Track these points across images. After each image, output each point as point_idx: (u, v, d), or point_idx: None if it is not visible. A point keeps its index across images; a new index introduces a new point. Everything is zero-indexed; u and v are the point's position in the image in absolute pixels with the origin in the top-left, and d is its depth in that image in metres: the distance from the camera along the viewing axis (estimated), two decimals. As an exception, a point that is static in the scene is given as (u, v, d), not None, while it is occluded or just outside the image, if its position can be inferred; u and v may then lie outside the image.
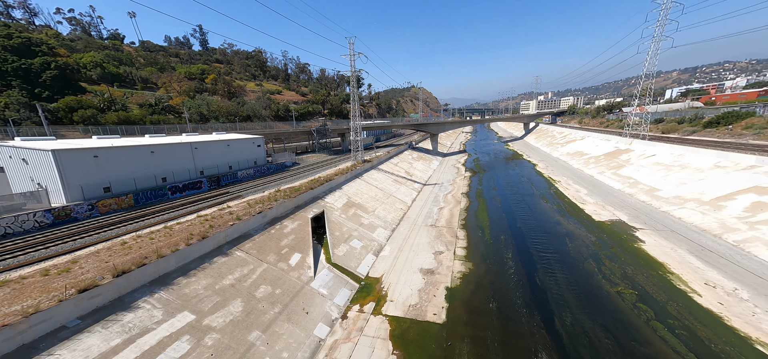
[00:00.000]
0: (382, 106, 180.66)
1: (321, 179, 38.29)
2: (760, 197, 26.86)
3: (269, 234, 24.38)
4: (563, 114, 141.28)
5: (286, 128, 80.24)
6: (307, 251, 24.09)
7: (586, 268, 22.54)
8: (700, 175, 35.13)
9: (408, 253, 27.11)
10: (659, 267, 21.74)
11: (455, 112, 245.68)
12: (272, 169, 48.64)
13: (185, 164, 36.68)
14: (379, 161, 57.08)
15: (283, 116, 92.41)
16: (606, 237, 27.39)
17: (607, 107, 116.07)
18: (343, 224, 30.34)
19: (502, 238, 29.27)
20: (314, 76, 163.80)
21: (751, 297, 17.49)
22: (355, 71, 49.71)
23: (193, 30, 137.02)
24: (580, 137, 76.75)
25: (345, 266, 24.03)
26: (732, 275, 19.81)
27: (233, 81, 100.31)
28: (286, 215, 28.10)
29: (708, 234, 25.58)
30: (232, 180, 40.84)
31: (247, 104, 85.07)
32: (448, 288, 21.11)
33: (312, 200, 32.87)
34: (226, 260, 19.84)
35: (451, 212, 37.65)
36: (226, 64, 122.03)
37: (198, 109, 70.24)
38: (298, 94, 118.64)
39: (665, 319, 16.47)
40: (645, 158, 46.41)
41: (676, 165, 39.92)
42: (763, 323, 15.42)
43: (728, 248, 23.14)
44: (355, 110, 51.40)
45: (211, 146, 40.96)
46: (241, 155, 45.11)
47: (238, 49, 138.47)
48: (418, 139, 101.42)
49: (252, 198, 30.17)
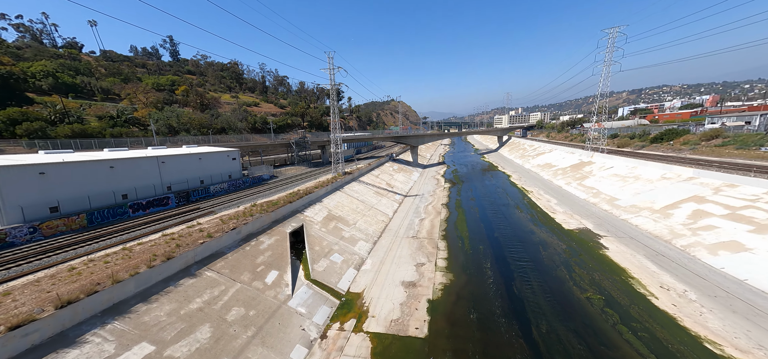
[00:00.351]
0: (362, 118, 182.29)
1: (300, 192, 37.26)
2: (699, 206, 29.75)
3: (244, 251, 23.04)
4: (533, 128, 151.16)
5: (263, 140, 77.91)
6: (284, 267, 23.00)
7: (559, 275, 23.50)
8: (650, 185, 38.39)
9: (390, 266, 26.80)
10: (622, 272, 23.09)
11: (434, 125, 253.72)
12: (248, 183, 46.66)
13: (150, 180, 34.12)
14: (360, 173, 56.89)
15: (261, 129, 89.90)
16: (575, 245, 28.85)
17: (570, 123, 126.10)
18: (323, 238, 29.50)
19: (481, 248, 29.92)
20: (293, 89, 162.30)
21: (698, 297, 19.02)
22: (335, 85, 49.98)
23: (163, 40, 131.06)
24: (548, 149, 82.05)
25: (325, 282, 23.19)
26: (682, 278, 21.43)
27: (207, 93, 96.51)
28: (262, 231, 26.82)
29: (660, 240, 27.66)
30: (204, 195, 38.54)
31: (221, 117, 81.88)
32: (429, 301, 21.00)
33: (291, 214, 31.75)
34: (195, 281, 18.35)
35: (431, 223, 38.07)
36: (200, 75, 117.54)
37: (167, 121, 66.34)
38: (277, 106, 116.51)
39: (629, 322, 17.43)
40: (605, 170, 50.21)
41: (630, 176, 43.43)
42: (709, 322, 16.82)
43: (677, 252, 25.15)
44: (335, 122, 51.30)
45: (181, 160, 38.59)
46: (214, 169, 42.88)
47: (212, 60, 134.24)
48: (399, 151, 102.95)
49: (225, 214, 28.54)
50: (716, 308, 17.81)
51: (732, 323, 16.52)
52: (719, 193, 30.34)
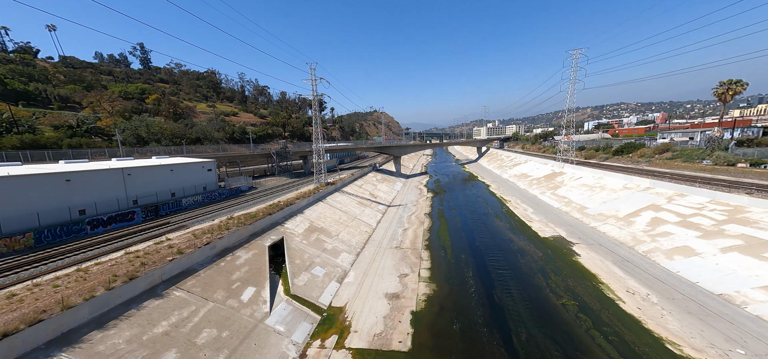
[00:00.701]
0: (345, 129, 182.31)
1: (281, 204, 36.11)
2: (656, 214, 32.43)
3: (218, 268, 21.72)
4: (509, 140, 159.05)
5: (242, 150, 75.25)
6: (262, 283, 21.92)
7: (536, 283, 24.33)
8: (615, 195, 41.40)
9: (373, 278, 26.43)
10: (592, 278, 24.29)
11: (416, 136, 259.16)
12: (225, 194, 44.54)
13: (113, 193, 31.54)
14: (343, 184, 56.37)
15: (239, 139, 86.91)
16: (550, 252, 30.13)
17: (542, 135, 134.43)
18: (304, 250, 28.61)
19: (463, 257, 30.42)
20: (274, 99, 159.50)
21: (659, 300, 20.38)
22: (318, 95, 49.84)
23: (132, 47, 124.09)
24: (524, 160, 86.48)
25: (306, 296, 22.34)
26: (644, 282, 22.92)
27: (181, 102, 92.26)
28: (239, 245, 25.52)
29: (625, 246, 29.59)
30: (176, 209, 36.18)
31: (197, 126, 78.30)
32: (413, 312, 20.85)
33: (270, 227, 30.58)
34: (161, 303, 16.93)
35: (415, 233, 38.29)
36: (173, 84, 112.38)
37: (135, 131, 62.24)
38: (257, 116, 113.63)
39: (600, 327, 18.28)
40: (575, 180, 53.57)
41: (597, 186, 46.67)
42: (669, 323, 18.04)
43: (640, 258, 26.98)
44: (317, 132, 50.86)
45: (150, 172, 36.17)
46: (187, 181, 40.55)
47: (187, 69, 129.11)
48: (382, 161, 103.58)
49: (199, 228, 26.92)
50: (675, 310, 19.16)
51: (688, 324, 17.82)
52: (672, 202, 33.36)
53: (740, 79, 55.37)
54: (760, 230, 23.73)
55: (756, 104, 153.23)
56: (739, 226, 25.25)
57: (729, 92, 55.84)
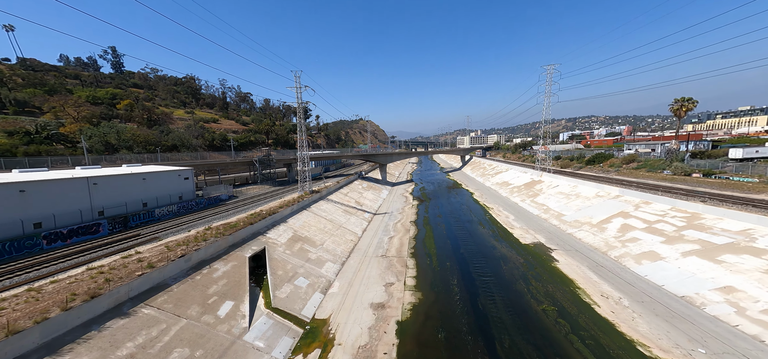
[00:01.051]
0: (331, 136, 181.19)
1: (263, 213, 34.96)
2: (625, 220, 34.53)
3: (193, 282, 20.49)
4: (491, 149, 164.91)
5: (222, 158, 72.57)
6: (241, 297, 20.90)
7: (518, 289, 24.97)
8: (588, 202, 43.74)
9: (358, 287, 26.00)
10: (570, 283, 25.25)
11: (402, 144, 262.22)
12: (203, 204, 42.48)
13: (76, 204, 29.16)
14: (328, 192, 55.61)
15: (220, 146, 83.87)
16: (531, 258, 31.13)
17: (522, 145, 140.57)
18: (287, 261, 27.70)
19: (448, 264, 30.73)
20: (257, 106, 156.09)
21: (630, 304, 21.47)
22: (303, 103, 49.43)
23: (103, 51, 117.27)
24: (505, 169, 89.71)
25: (288, 309, 21.52)
26: (617, 286, 24.10)
27: (156, 107, 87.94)
28: (217, 257, 24.30)
29: (598, 252, 31.15)
30: (147, 220, 33.98)
31: (173, 133, 74.79)
32: (398, 322, 20.64)
33: (251, 237, 29.43)
34: (127, 322, 15.66)
35: (400, 241, 38.28)
36: (148, 89, 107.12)
37: (104, 138, 58.36)
38: (239, 123, 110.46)
39: (578, 331, 18.96)
40: (552, 189, 56.13)
41: (573, 194, 49.13)
42: (640, 326, 19.01)
43: (612, 262, 28.47)
44: (302, 139, 50.18)
45: (118, 181, 33.90)
46: (161, 190, 38.34)
47: (164, 74, 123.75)
48: (368, 169, 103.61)
49: (173, 239, 25.39)
50: (644, 313, 20.24)
51: (656, 326, 18.85)
52: (639, 209, 35.74)
53: (691, 97, 61.29)
54: (714, 236, 25.90)
55: (705, 120, 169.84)
56: (696, 231, 27.42)
57: (682, 108, 61.54)
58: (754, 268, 20.98)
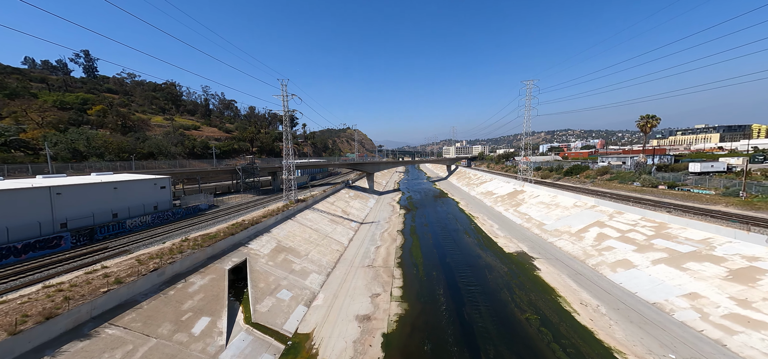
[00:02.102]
0: (318, 145, 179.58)
1: (245, 223, 33.73)
2: (601, 230, 36.23)
3: (166, 297, 19.22)
4: (476, 159, 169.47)
5: (203, 166, 69.84)
6: (219, 312, 19.79)
7: (502, 298, 25.35)
8: (567, 212, 45.59)
9: (343, 299, 25.39)
10: (551, 292, 25.91)
11: (389, 153, 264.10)
12: (181, 214, 40.42)
13: (35, 216, 26.82)
14: (314, 200, 54.67)
15: (201, 154, 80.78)
16: (514, 267, 31.83)
17: (505, 156, 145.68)
18: (269, 272, 26.68)
19: (434, 274, 30.80)
20: (242, 114, 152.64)
21: (607, 311, 22.27)
22: (289, 111, 48.92)
23: (75, 54, 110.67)
24: (489, 179, 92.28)
25: (269, 324, 20.58)
26: (594, 294, 24.97)
27: (132, 114, 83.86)
28: (194, 270, 23.02)
29: (577, 260, 32.31)
30: (118, 231, 31.80)
31: (150, 140, 71.36)
32: (384, 334, 20.26)
33: (232, 248, 28.22)
34: (87, 344, 14.35)
35: (387, 251, 38.03)
36: (124, 95, 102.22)
37: (71, 144, 54.62)
38: (222, 130, 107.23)
39: (560, 340, 19.37)
40: (533, 198, 58.16)
41: (553, 204, 51.07)
42: (616, 333, 19.71)
43: (590, 271, 29.59)
44: (288, 147, 49.39)
45: (85, 190, 31.68)
46: (134, 200, 36.16)
47: (142, 79, 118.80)
48: (355, 178, 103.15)
49: (145, 252, 23.85)
50: (620, 320, 21.02)
51: (631, 332, 19.59)
52: (613, 219, 37.70)
53: (655, 115, 66.52)
54: (679, 244, 27.67)
55: (668, 136, 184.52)
56: (663, 240, 29.20)
57: (647, 124, 66.56)
58: (715, 275, 22.53)
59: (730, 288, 20.83)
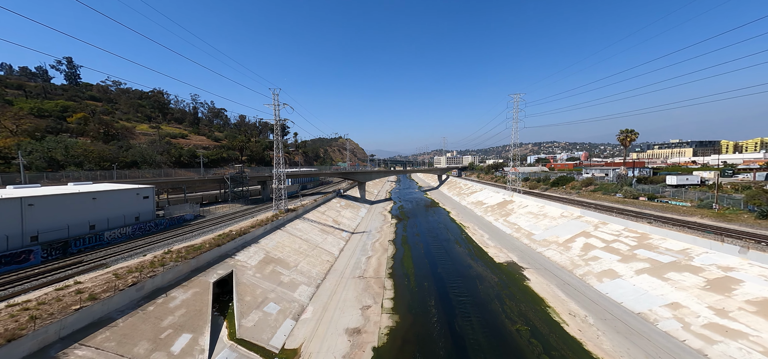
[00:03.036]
0: (309, 154, 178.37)
1: (232, 233, 32.76)
2: (587, 240, 37.07)
3: (144, 313, 18.22)
4: (466, 169, 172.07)
5: (190, 175, 68.00)
6: (201, 328, 18.88)
7: (493, 309, 25.34)
8: (554, 222, 46.54)
9: (333, 312, 24.77)
10: (541, 302, 26.11)
11: (381, 163, 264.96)
12: (164, 225, 38.90)
13: (2, 229, 25.21)
14: (304, 210, 53.84)
15: (188, 163, 78.67)
16: (505, 277, 32.02)
17: (494, 166, 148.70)
18: (257, 285, 25.81)
19: (426, 285, 30.61)
20: (232, 122, 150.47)
21: (595, 321, 22.54)
22: (281, 120, 48.69)
23: (56, 61, 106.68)
24: (479, 188, 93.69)
25: (254, 340, 19.74)
26: (582, 304, 25.29)
27: (115, 122, 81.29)
28: (176, 283, 22.01)
29: (565, 270, 32.76)
30: (95, 244, 30.21)
31: (134, 148, 69.14)
32: (375, 348, 19.79)
33: (218, 260, 27.24)
34: (56, 365, 13.33)
35: (378, 261, 37.60)
36: (108, 103, 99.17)
37: (48, 153, 52.21)
38: (210, 139, 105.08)
39: (550, 351, 19.40)
40: (522, 208, 59.25)
41: (541, 214, 52.15)
42: (604, 344, 19.91)
43: (577, 280, 30.03)
44: (278, 156, 48.84)
45: (61, 201, 30.18)
46: (114, 210, 34.64)
47: (128, 87, 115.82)
48: (347, 187, 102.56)
49: (124, 266, 22.68)
50: (607, 330, 21.27)
51: (618, 343, 19.82)
52: (598, 229, 38.76)
53: (633, 129, 69.97)
54: (661, 255, 28.61)
55: (646, 150, 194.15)
56: (646, 251, 30.14)
57: (627, 138, 69.80)
58: (694, 285, 23.33)
59: (708, 298, 21.58)
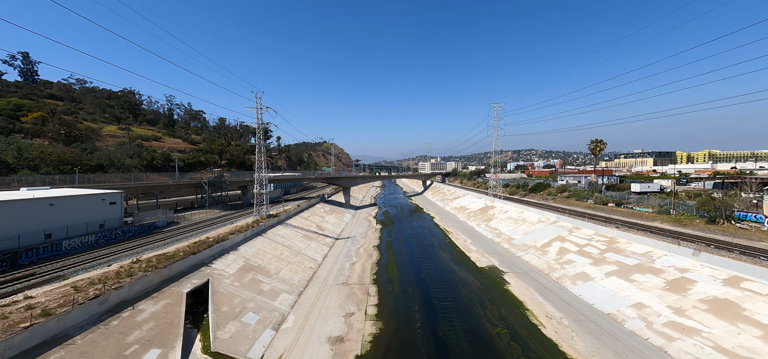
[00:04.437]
0: (292, 158, 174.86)
1: (209, 240, 31.26)
2: (562, 244, 38.78)
3: (107, 329, 16.83)
4: (450, 175, 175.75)
5: (163, 179, 64.36)
6: (172, 342, 17.70)
7: (475, 313, 25.81)
8: (533, 227, 48.34)
9: (315, 320, 24.16)
10: (520, 306, 26.91)
11: (366, 168, 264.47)
12: (133, 232, 36.35)
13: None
14: (287, 216, 52.48)
15: (161, 166, 74.50)
16: (486, 282, 32.76)
17: (476, 172, 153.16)
18: (235, 294, 24.67)
19: (410, 290, 30.68)
20: (211, 125, 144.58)
21: (570, 323, 23.50)
22: (263, 124, 47.52)
23: (10, 56, 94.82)
24: (462, 194, 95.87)
25: (230, 352, 18.77)
26: (558, 306, 26.33)
27: (79, 122, 75.57)
28: (145, 295, 20.59)
29: (542, 274, 34.06)
30: (50, 254, 27.58)
31: (100, 151, 64.54)
32: (357, 357, 19.47)
33: (193, 269, 25.82)
34: (0, 390, 11.95)
35: (363, 267, 37.27)
36: (71, 102, 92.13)
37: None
38: (187, 142, 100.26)
39: (528, 354, 19.97)
40: (503, 214, 61.15)
41: (520, 219, 54.04)
42: (577, 344, 20.79)
43: (554, 283, 31.30)
44: (260, 160, 47.48)
45: (10, 208, 27.43)
46: (75, 217, 31.95)
47: (94, 86, 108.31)
48: (331, 192, 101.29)
49: (85, 277, 20.91)
50: (580, 331, 22.25)
51: (590, 343, 20.77)
52: (572, 234, 40.77)
53: (602, 140, 75.26)
54: (627, 258, 30.52)
55: (613, 159, 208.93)
56: (614, 254, 32.05)
57: (597, 148, 74.86)
58: (655, 286, 25.12)
59: (668, 298, 23.29)
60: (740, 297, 20.85)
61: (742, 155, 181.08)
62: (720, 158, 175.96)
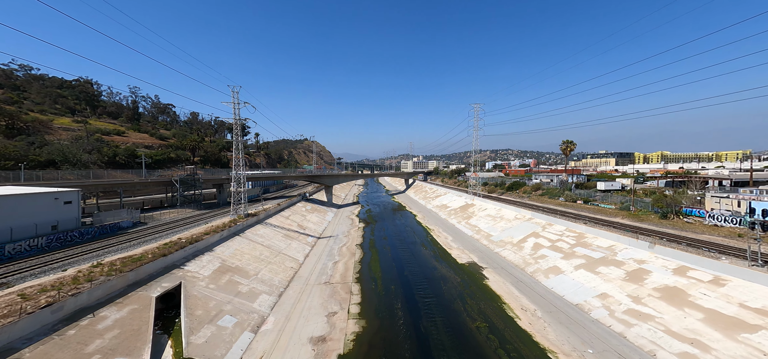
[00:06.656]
0: (272, 156, 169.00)
1: (182, 241, 29.44)
2: (536, 240, 41.02)
3: (62, 340, 15.33)
4: (431, 174, 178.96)
5: (128, 177, 59.59)
6: (139, 350, 16.50)
7: (456, 308, 26.59)
8: (510, 224, 50.63)
9: (297, 321, 23.64)
10: (498, 300, 28.08)
11: (348, 166, 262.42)
12: (92, 234, 33.26)
13: None
14: (267, 215, 50.75)
15: (125, 163, 68.76)
16: (466, 277, 33.82)
17: (457, 171, 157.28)
18: (210, 297, 23.47)
19: (393, 288, 30.94)
20: (182, 120, 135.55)
21: (543, 315, 24.90)
22: (241, 120, 45.45)
23: None
24: (444, 192, 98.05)
25: (206, 358, 17.89)
26: (532, 299, 27.86)
27: (24, 113, 67.64)
28: (108, 301, 19.01)
29: (518, 268, 35.83)
30: (-10, 258, 24.52)
31: (50, 145, 58.31)
32: (340, 356, 19.35)
33: (163, 272, 24.22)
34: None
35: (345, 266, 37.00)
36: (13, 90, 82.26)
37: None
38: (155, 137, 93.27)
39: (505, 345, 20.94)
40: (482, 211, 63.43)
41: (498, 217, 56.41)
42: (549, 334, 22.08)
43: (528, 278, 33.06)
44: (238, 158, 45.40)
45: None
46: (20, 218, 28.65)
47: (43, 73, 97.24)
48: (313, 190, 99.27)
49: (35, 284, 18.85)
50: (552, 322, 23.65)
51: (560, 333, 22.14)
52: (545, 230, 43.22)
53: (572, 141, 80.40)
54: (594, 252, 32.93)
55: (581, 159, 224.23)
56: (582, 248, 34.48)
57: (568, 148, 79.85)
58: (617, 277, 27.35)
59: (627, 287, 25.47)
60: (687, 284, 23.29)
61: (689, 157, 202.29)
62: (671, 158, 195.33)
